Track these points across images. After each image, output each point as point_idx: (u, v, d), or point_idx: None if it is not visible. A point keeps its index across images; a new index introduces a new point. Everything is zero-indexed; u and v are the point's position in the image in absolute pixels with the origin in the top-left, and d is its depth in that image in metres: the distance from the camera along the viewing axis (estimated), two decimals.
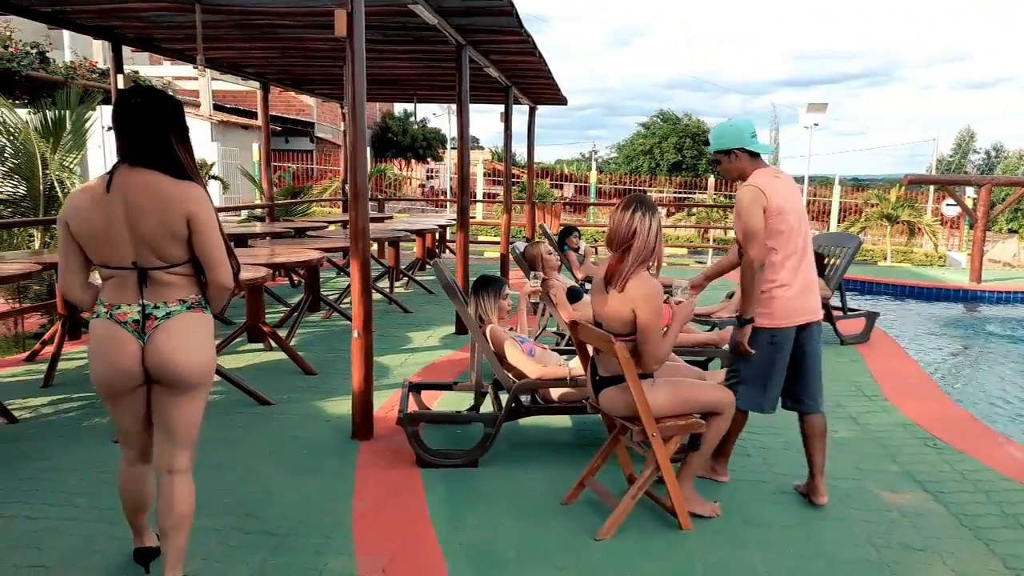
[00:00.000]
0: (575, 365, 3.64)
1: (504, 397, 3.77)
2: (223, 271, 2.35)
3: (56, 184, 8.56)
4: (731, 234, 16.15)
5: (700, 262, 14.99)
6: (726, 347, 3.98)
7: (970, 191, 14.74)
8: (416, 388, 4.22)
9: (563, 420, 4.30)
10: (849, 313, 6.80)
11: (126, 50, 6.71)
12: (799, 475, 3.62)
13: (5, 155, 7.55)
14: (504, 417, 3.69)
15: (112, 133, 2.33)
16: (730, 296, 6.19)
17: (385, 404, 4.58)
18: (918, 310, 9.39)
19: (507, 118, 9.03)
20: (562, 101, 10.69)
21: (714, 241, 17.59)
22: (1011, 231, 20.99)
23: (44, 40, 10.81)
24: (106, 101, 8.25)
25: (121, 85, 6.58)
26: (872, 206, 18.04)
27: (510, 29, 5.86)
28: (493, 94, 9.50)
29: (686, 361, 3.96)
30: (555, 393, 3.80)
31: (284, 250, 6.63)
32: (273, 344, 5.56)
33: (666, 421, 2.98)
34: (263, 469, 3.64)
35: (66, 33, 16.50)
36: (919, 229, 17.30)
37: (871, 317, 6.76)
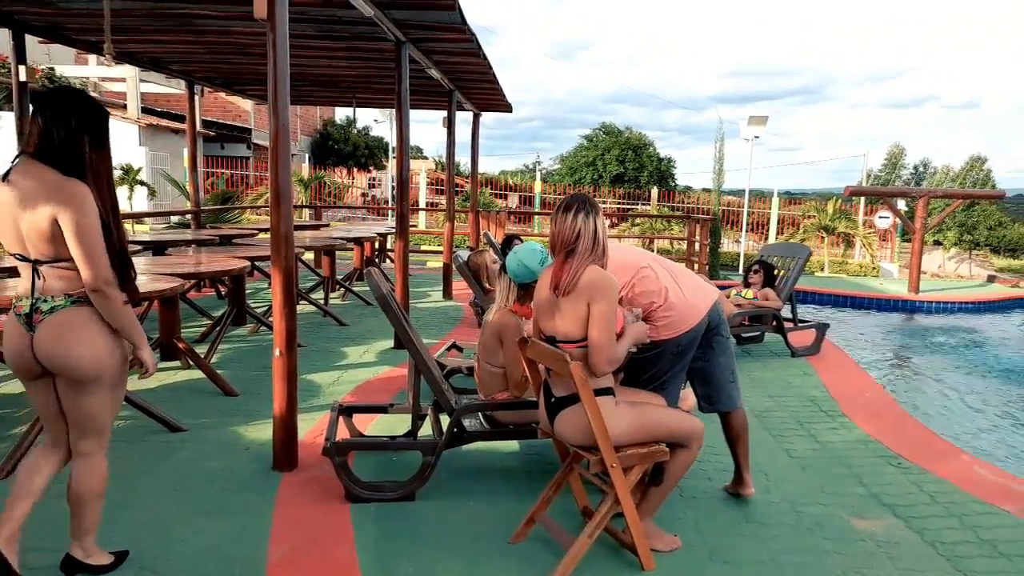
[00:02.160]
0: None
1: (446, 420, 3.39)
2: (89, 274, 2.28)
3: None
4: (676, 244, 16.17)
5: None
6: None
7: (901, 203, 15.09)
8: (347, 411, 3.81)
9: (511, 445, 3.95)
10: (800, 324, 6.67)
11: (54, 48, 6.11)
12: (767, 500, 3.38)
13: None
14: (445, 443, 3.32)
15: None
16: None
17: (313, 429, 4.15)
18: (862, 321, 9.42)
19: (450, 123, 8.69)
20: (507, 108, 10.41)
21: (658, 251, 17.58)
22: (936, 243, 21.69)
23: None
24: (8, 98, 7.57)
25: (23, 78, 5.97)
26: (809, 218, 18.36)
27: (453, 26, 5.52)
28: (436, 99, 9.15)
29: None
30: (504, 416, 3.44)
31: (207, 259, 6.11)
32: (191, 362, 5.05)
33: (627, 449, 2.66)
34: (167, 508, 3.17)
35: None
36: (854, 240, 17.68)
37: (821, 328, 6.64)
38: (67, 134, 2.26)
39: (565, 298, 2.64)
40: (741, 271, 12.89)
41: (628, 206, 25.10)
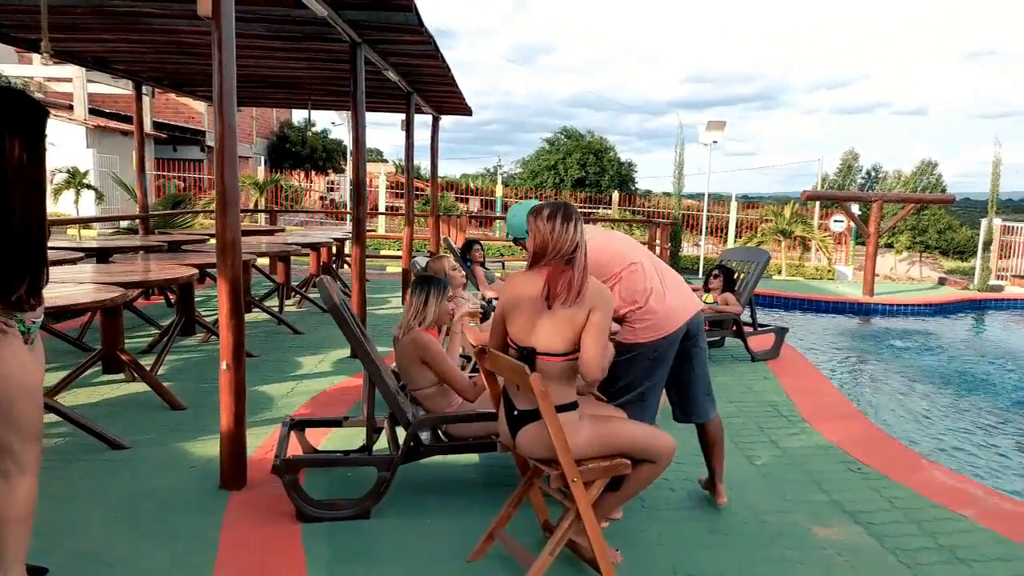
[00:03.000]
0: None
1: (403, 434, 3.28)
2: None
3: None
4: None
5: None
6: None
7: (855, 207, 15.42)
8: (299, 425, 3.66)
9: (470, 457, 3.84)
10: (759, 329, 6.70)
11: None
12: (730, 509, 3.34)
13: None
14: (401, 459, 3.20)
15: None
16: None
17: (264, 444, 3.99)
18: (818, 324, 9.55)
19: (408, 126, 8.55)
20: (467, 111, 10.31)
21: None
22: (888, 246, 22.23)
23: None
24: None
25: None
26: (767, 222, 18.64)
27: (409, 27, 5.40)
28: (394, 102, 9.01)
29: None
30: (461, 429, 3.34)
31: (153, 266, 5.87)
32: (135, 375, 4.83)
33: (588, 463, 2.58)
34: (106, 534, 2.98)
35: None
36: (810, 244, 18.00)
37: (780, 333, 6.69)
38: None
39: (563, 309, 2.54)
40: (701, 275, 13.00)
41: (590, 210, 25.19)
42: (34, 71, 19.62)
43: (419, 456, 3.28)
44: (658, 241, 12.23)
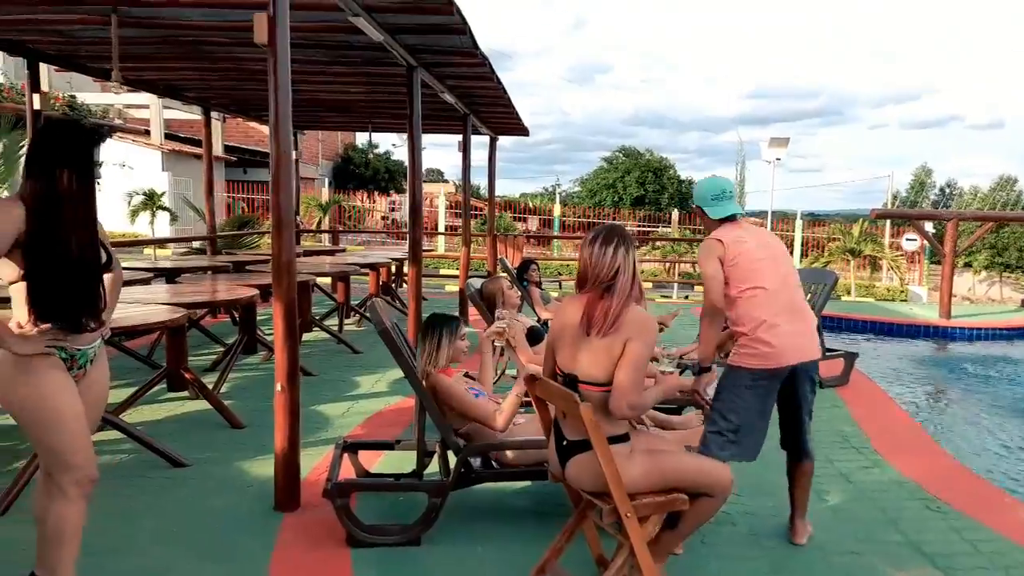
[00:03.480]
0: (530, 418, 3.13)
1: (454, 459, 3.23)
2: None
3: None
4: (699, 268, 15.92)
5: (666, 296, 14.69)
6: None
7: (929, 226, 14.76)
8: (352, 447, 3.65)
9: (521, 485, 3.76)
10: (828, 354, 6.42)
11: (76, 76, 6.12)
12: (796, 548, 3.16)
13: None
14: (452, 484, 3.16)
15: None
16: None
17: (319, 464, 4.00)
18: (891, 348, 9.11)
19: (465, 147, 8.62)
20: (524, 132, 10.33)
21: (680, 275, 17.36)
22: (966, 265, 21.19)
23: None
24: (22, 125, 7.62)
25: (37, 105, 5.98)
26: (834, 240, 18.03)
27: (464, 50, 5.45)
28: (451, 123, 9.09)
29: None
30: (512, 456, 3.27)
31: (217, 286, 6.03)
32: (198, 393, 4.94)
33: (642, 498, 2.47)
34: (163, 553, 3.02)
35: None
36: (881, 263, 17.31)
37: (850, 358, 6.39)
38: (33, 164, 2.25)
39: (599, 338, 2.46)
40: None
41: (649, 229, 24.90)
42: (114, 99, 20.66)
43: (470, 482, 3.23)
44: None
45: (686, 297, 14.18)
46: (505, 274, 7.71)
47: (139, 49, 5.78)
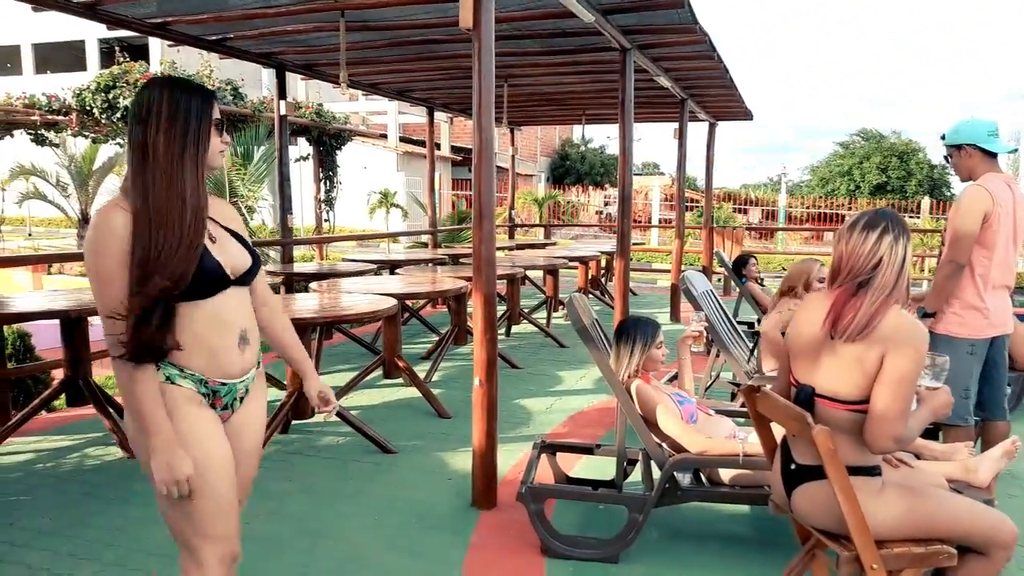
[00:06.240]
0: (754, 441, 2.72)
1: (658, 470, 2.92)
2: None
3: (244, 211, 9.02)
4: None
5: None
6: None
7: None
8: (550, 448, 3.48)
9: (737, 507, 3.34)
10: None
11: (324, 87, 6.73)
12: None
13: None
14: (655, 500, 2.85)
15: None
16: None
17: (519, 462, 3.89)
18: None
19: (681, 134, 8.15)
20: (747, 116, 9.58)
21: (930, 272, 15.21)
22: None
23: (238, 78, 11.60)
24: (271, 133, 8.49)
25: (283, 112, 6.58)
26: None
27: (682, 27, 5.05)
28: (667, 109, 8.66)
29: None
30: (725, 474, 2.89)
31: (432, 278, 6.22)
32: (410, 380, 5.10)
33: (893, 547, 1.99)
34: (362, 541, 3.06)
35: (264, 71, 17.95)
36: None
37: None
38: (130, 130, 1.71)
39: (847, 344, 2.01)
40: None
41: None
42: (358, 107, 22.81)
43: (676, 500, 2.90)
44: None
45: None
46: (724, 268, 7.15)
47: (363, 52, 6.11)
